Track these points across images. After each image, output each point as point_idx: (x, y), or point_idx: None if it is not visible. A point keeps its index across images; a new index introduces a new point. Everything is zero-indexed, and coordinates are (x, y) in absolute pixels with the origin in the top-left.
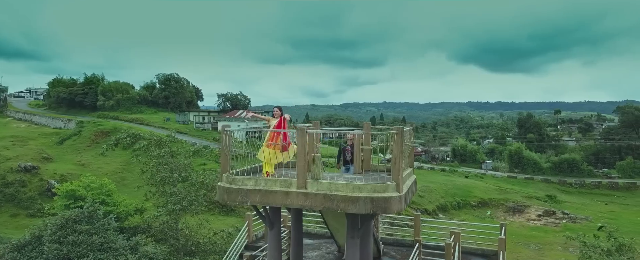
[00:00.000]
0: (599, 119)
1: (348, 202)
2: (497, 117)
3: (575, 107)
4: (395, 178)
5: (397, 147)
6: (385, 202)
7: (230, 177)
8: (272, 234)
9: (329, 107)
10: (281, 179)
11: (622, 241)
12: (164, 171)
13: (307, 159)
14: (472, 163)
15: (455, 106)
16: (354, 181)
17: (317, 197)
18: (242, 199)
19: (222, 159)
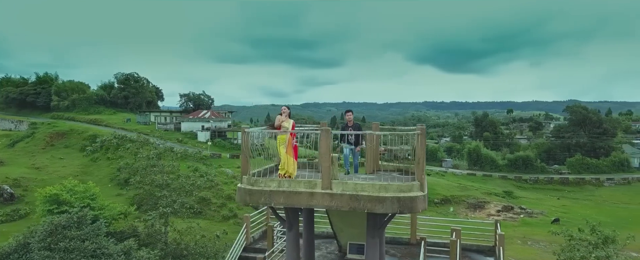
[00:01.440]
0: (546, 118)
1: (375, 202)
2: (453, 117)
3: (524, 106)
4: (419, 177)
5: (420, 147)
6: (412, 202)
7: (252, 179)
8: (291, 235)
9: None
10: (305, 180)
11: (607, 234)
12: (154, 173)
13: (330, 159)
14: (433, 161)
15: (412, 106)
16: (379, 181)
17: (343, 197)
18: (266, 200)
19: (242, 160)
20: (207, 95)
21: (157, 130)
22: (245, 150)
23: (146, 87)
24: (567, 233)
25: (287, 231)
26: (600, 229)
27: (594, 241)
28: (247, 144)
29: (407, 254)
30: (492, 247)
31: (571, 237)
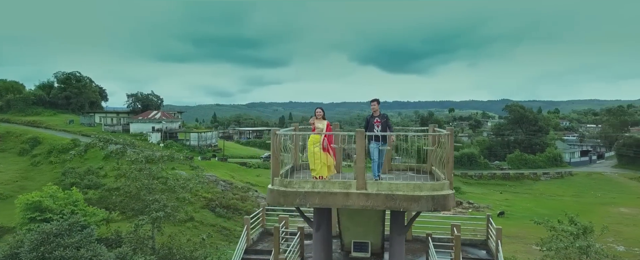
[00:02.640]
0: (484, 116)
1: (410, 201)
2: (396, 116)
3: (462, 105)
4: (448, 176)
5: (449, 147)
6: (444, 200)
7: (285, 181)
8: (319, 236)
9: (234, 106)
10: (340, 181)
11: (585, 225)
12: (144, 177)
13: (364, 160)
14: None
15: (356, 106)
16: (412, 181)
17: (379, 197)
18: (301, 202)
19: (273, 162)
20: (156, 95)
21: (104, 132)
22: (276, 153)
23: (89, 87)
24: (549, 225)
25: (314, 231)
26: (578, 221)
27: (575, 232)
28: (278, 146)
29: (407, 250)
30: (484, 241)
31: (553, 228)
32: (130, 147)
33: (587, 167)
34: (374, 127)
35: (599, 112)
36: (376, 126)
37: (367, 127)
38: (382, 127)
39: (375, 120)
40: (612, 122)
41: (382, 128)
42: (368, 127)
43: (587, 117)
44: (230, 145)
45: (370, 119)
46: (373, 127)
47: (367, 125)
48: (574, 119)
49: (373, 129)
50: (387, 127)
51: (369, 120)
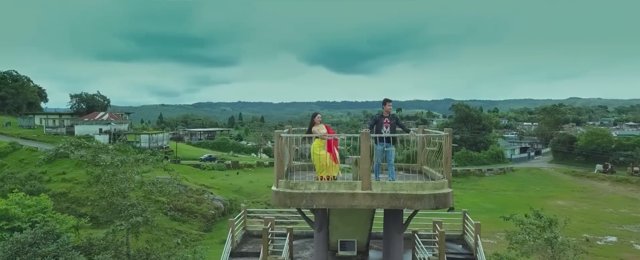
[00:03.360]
0: (429, 116)
1: (414, 200)
2: (345, 115)
3: (408, 105)
4: (447, 175)
5: (447, 148)
6: (445, 197)
7: (291, 182)
8: (320, 236)
9: (181, 107)
10: (345, 182)
11: (550, 218)
12: (120, 182)
13: (368, 162)
14: None
15: (306, 105)
16: (415, 180)
17: (384, 197)
18: (308, 203)
19: (277, 165)
20: (102, 95)
21: (47, 135)
22: (281, 155)
23: (27, 87)
24: (517, 219)
25: (316, 232)
26: (543, 214)
27: (542, 225)
28: (281, 148)
29: None
30: (461, 236)
31: (522, 222)
32: (103, 152)
33: (526, 163)
34: (382, 127)
35: (534, 111)
36: (385, 126)
37: (374, 127)
38: (391, 128)
39: (384, 121)
40: (547, 121)
41: (391, 129)
42: (376, 126)
43: (523, 115)
44: (182, 146)
45: (379, 118)
46: (381, 127)
47: (374, 125)
48: (512, 117)
49: (381, 129)
50: (396, 129)
51: (377, 120)
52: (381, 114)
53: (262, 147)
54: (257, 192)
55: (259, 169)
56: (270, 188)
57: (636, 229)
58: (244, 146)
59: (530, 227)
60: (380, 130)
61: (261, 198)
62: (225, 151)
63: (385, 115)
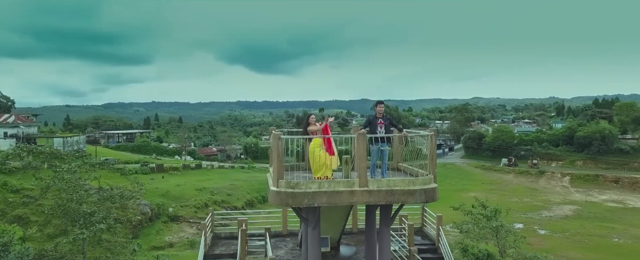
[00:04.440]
0: (348, 115)
1: (407, 195)
2: (267, 115)
3: (327, 104)
4: (432, 172)
5: (432, 146)
6: (433, 192)
7: (292, 182)
8: (314, 233)
9: (89, 107)
10: (343, 180)
11: (495, 208)
12: (73, 189)
13: (365, 160)
14: (264, 159)
15: (226, 105)
16: (407, 177)
17: (380, 193)
18: (309, 202)
19: (278, 165)
20: (5, 96)
21: None
22: (280, 156)
23: None
24: (465, 209)
25: (311, 230)
26: (488, 205)
27: (488, 214)
28: (280, 150)
29: (360, 241)
30: (420, 228)
31: (471, 212)
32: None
33: (441, 158)
34: (376, 128)
35: (444, 110)
36: (379, 127)
37: (368, 128)
38: (385, 128)
39: (378, 122)
40: (458, 119)
41: (386, 129)
42: (371, 127)
43: (435, 114)
44: (102, 150)
45: (373, 119)
46: (376, 128)
47: (368, 126)
48: (425, 116)
49: (376, 129)
50: (390, 129)
51: (371, 121)
52: (375, 115)
53: (185, 149)
54: (185, 196)
55: (185, 171)
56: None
57: (538, 216)
58: (166, 148)
59: (478, 217)
60: (374, 130)
61: (190, 202)
62: (147, 154)
63: (379, 116)
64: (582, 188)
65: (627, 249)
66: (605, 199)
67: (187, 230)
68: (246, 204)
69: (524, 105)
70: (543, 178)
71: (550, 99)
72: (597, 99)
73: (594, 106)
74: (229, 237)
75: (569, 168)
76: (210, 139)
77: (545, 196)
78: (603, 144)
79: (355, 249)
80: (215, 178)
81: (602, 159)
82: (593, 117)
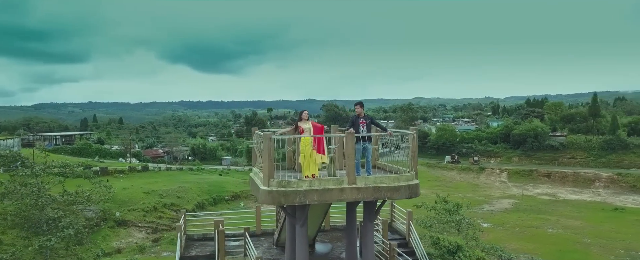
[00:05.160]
0: (295, 115)
1: (393, 191)
2: (213, 116)
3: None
4: (414, 169)
5: (413, 144)
6: (416, 188)
7: (283, 182)
8: (302, 231)
9: (17, 108)
10: (333, 178)
11: (456, 202)
12: (34, 194)
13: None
14: (213, 160)
15: (168, 106)
16: (392, 174)
17: (368, 189)
18: (301, 200)
19: (268, 165)
20: None
21: None
22: (271, 157)
23: None
24: (428, 205)
25: (299, 227)
26: (449, 200)
27: (450, 209)
28: (271, 150)
29: (332, 238)
30: (390, 223)
31: (434, 207)
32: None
33: (389, 157)
34: (359, 127)
35: (388, 109)
36: (362, 126)
37: (352, 128)
38: (367, 127)
39: (361, 121)
40: (404, 118)
41: (367, 128)
42: (354, 127)
43: (379, 114)
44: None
45: (355, 119)
46: (358, 128)
47: (352, 126)
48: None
49: (358, 129)
50: (371, 127)
51: (354, 121)
52: (356, 115)
53: (130, 151)
54: (133, 199)
55: (131, 174)
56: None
57: (480, 210)
58: (109, 150)
59: (441, 213)
60: (357, 130)
61: (138, 205)
62: (88, 157)
63: (361, 116)
64: (519, 183)
65: (560, 239)
66: (539, 192)
67: (135, 234)
68: (197, 207)
69: (463, 105)
70: (483, 174)
71: (485, 98)
72: (529, 99)
73: (527, 106)
74: (202, 238)
75: (506, 164)
76: (154, 140)
77: (486, 191)
78: (536, 141)
79: (331, 245)
80: (163, 180)
81: (535, 155)
82: (527, 116)
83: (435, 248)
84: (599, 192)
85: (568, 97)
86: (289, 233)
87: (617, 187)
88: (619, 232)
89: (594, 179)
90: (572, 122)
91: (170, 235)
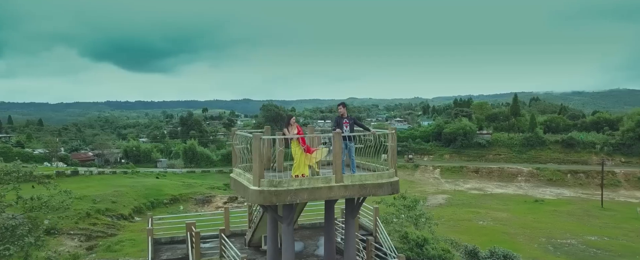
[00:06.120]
0: (232, 115)
1: (377, 188)
2: (143, 116)
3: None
4: (394, 166)
5: (392, 143)
6: (397, 184)
7: (275, 181)
8: (288, 229)
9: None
10: (322, 177)
11: (414, 197)
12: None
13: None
14: (147, 163)
15: (93, 106)
16: (375, 172)
17: (354, 187)
18: (292, 198)
19: (258, 165)
20: None
21: None
22: (260, 156)
23: None
24: (387, 201)
25: (286, 225)
26: (407, 195)
27: (409, 205)
28: (259, 150)
29: (303, 236)
30: None
31: (393, 203)
32: None
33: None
34: (343, 128)
35: (324, 110)
36: (345, 126)
37: (336, 128)
38: (350, 127)
39: (344, 122)
40: None
41: (350, 128)
42: (338, 127)
43: (316, 114)
44: None
45: (339, 120)
46: (342, 128)
47: (336, 126)
48: (307, 116)
49: (342, 129)
50: (353, 127)
51: (338, 122)
52: (340, 115)
53: (56, 155)
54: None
55: (59, 179)
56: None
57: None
58: (31, 154)
59: (400, 208)
60: (341, 129)
61: (69, 212)
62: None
63: (344, 116)
64: (451, 179)
65: (490, 230)
66: (469, 187)
67: (67, 243)
68: (134, 211)
69: (394, 105)
70: (418, 171)
71: (415, 99)
72: (456, 99)
73: (455, 106)
74: (170, 242)
75: (438, 161)
76: (80, 142)
77: (421, 187)
78: (465, 139)
79: (303, 244)
80: (95, 185)
81: (464, 152)
82: (456, 115)
83: (403, 242)
84: (521, 185)
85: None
86: (270, 233)
87: (536, 181)
88: (540, 222)
89: (516, 173)
90: (495, 121)
91: (106, 242)
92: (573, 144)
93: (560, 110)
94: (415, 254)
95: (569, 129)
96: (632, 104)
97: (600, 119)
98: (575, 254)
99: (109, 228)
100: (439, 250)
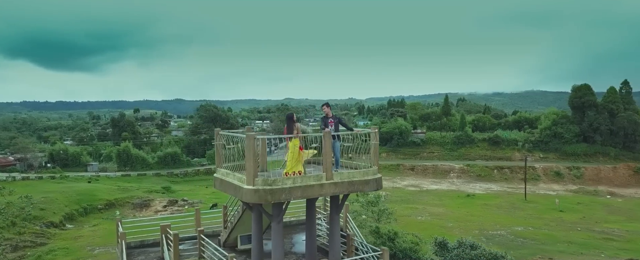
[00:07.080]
0: (165, 116)
1: (364, 184)
2: (65, 117)
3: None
4: (376, 164)
5: (375, 142)
6: (381, 181)
7: (269, 180)
8: (277, 228)
9: None
10: (313, 175)
11: (377, 194)
12: None
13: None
14: (76, 166)
15: (7, 107)
16: (362, 170)
17: (344, 184)
18: (286, 196)
19: (252, 165)
20: None
21: None
22: (254, 157)
23: None
24: (351, 198)
25: (276, 224)
26: (368, 193)
27: (373, 200)
28: (253, 150)
29: None
30: None
31: (357, 200)
32: None
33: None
34: (328, 127)
35: (262, 110)
36: (330, 126)
37: (326, 128)
38: (335, 126)
39: (329, 121)
40: (282, 118)
41: (335, 127)
42: (323, 127)
43: (254, 114)
44: None
45: (324, 119)
46: (328, 127)
47: (324, 126)
48: (245, 116)
49: (328, 128)
50: (339, 126)
51: (324, 122)
52: (325, 115)
53: None
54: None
55: None
56: None
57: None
58: None
59: (363, 204)
60: None
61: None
62: None
63: (329, 116)
64: (389, 176)
65: (428, 225)
66: (406, 184)
67: None
68: (65, 218)
69: None
70: None
71: (350, 99)
72: (389, 99)
73: (390, 106)
74: (140, 245)
75: None
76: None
77: None
78: (401, 138)
79: None
80: (20, 191)
81: (401, 151)
82: (392, 115)
83: (375, 237)
84: (453, 181)
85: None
86: (255, 232)
87: (467, 177)
88: (473, 215)
89: (449, 170)
90: (428, 121)
91: (36, 252)
92: (498, 142)
93: (485, 110)
94: (388, 247)
95: (494, 128)
96: (545, 104)
97: (521, 118)
98: (505, 244)
99: (38, 237)
100: (409, 243)
